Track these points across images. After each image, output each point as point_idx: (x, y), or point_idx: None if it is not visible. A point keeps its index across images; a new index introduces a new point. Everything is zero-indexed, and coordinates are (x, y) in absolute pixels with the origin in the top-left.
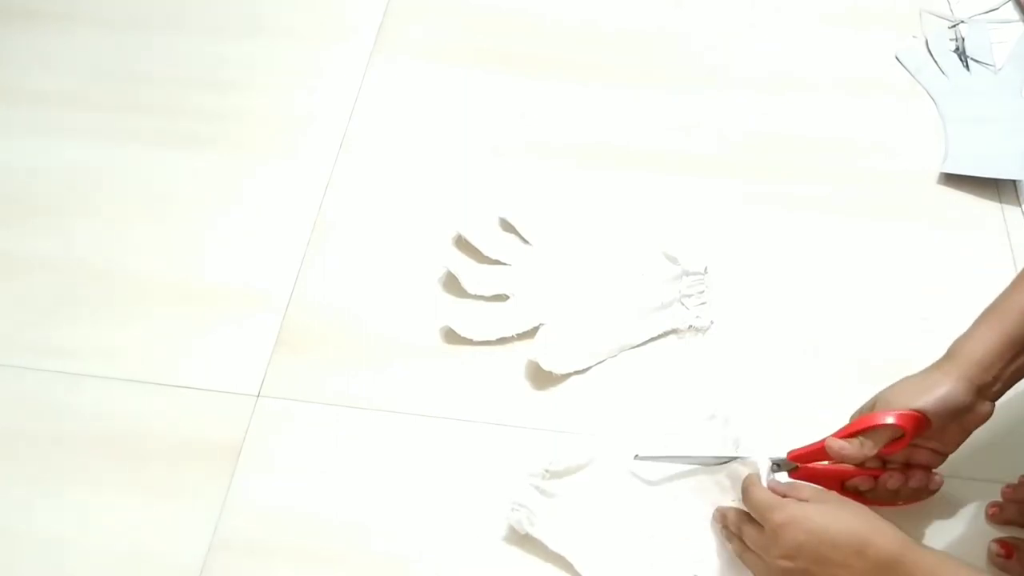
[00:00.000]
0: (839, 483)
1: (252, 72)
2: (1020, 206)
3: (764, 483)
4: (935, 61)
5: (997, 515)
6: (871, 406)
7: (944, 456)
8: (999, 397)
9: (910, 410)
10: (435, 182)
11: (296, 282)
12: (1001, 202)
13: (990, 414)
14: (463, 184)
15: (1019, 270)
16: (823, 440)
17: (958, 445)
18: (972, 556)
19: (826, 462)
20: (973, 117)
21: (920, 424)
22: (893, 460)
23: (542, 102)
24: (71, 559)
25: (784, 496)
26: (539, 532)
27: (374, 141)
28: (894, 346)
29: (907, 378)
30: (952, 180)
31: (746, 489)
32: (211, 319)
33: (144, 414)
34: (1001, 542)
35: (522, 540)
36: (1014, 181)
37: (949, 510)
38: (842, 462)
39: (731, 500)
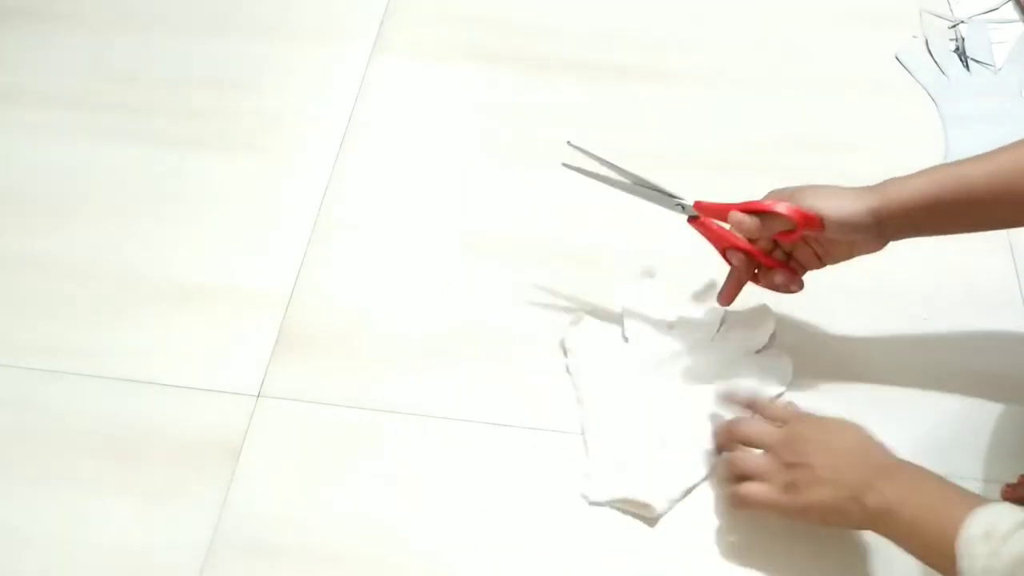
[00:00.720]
0: (722, 247)
1: (252, 72)
2: None
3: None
4: (935, 61)
5: None
6: (789, 195)
7: (822, 264)
8: (893, 239)
9: (813, 211)
10: (435, 182)
11: (296, 282)
12: None
13: (878, 250)
14: (463, 184)
15: (1019, 270)
16: (730, 206)
17: (838, 261)
18: None
19: (723, 225)
20: (973, 117)
21: (812, 224)
22: (782, 242)
23: (542, 102)
24: (71, 559)
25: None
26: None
27: (374, 141)
28: (895, 346)
29: (832, 185)
30: None
31: (757, 401)
32: (211, 319)
33: (144, 414)
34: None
35: (522, 540)
36: None
37: None
38: (737, 233)
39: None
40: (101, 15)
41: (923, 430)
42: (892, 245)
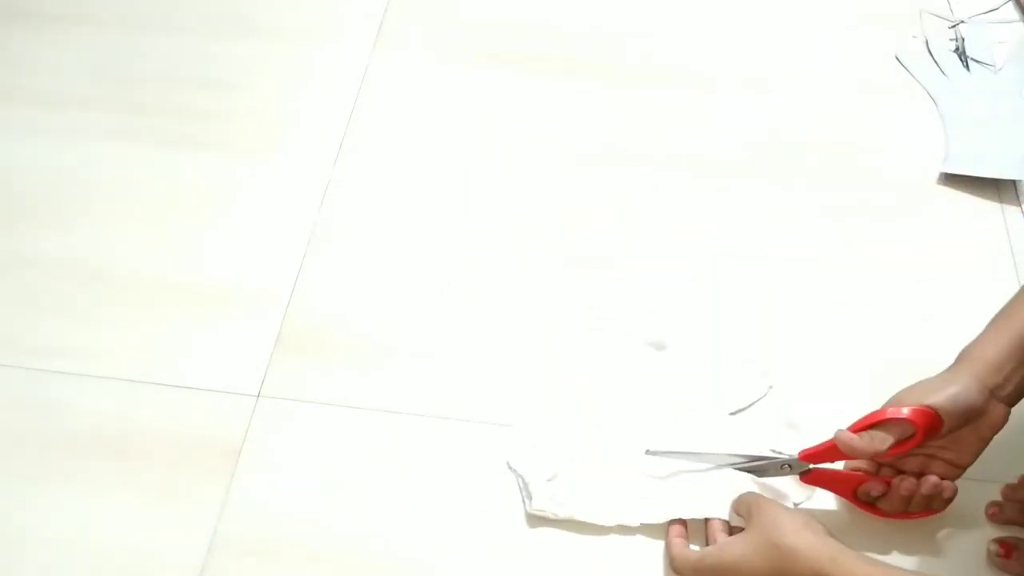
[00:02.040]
0: (852, 489)
1: (253, 72)
2: (1020, 206)
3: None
4: (935, 61)
5: (997, 515)
6: (886, 405)
7: (960, 469)
8: (1014, 403)
9: (921, 406)
10: (435, 182)
11: (296, 282)
12: (1001, 202)
13: (1005, 418)
14: (463, 184)
15: (1019, 270)
16: (832, 440)
17: (975, 455)
18: (972, 556)
19: (838, 464)
20: (973, 117)
21: (931, 421)
22: (908, 470)
23: (542, 102)
24: (71, 559)
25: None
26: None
27: (374, 140)
28: (895, 346)
29: (919, 381)
30: (952, 180)
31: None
32: (211, 319)
33: (144, 414)
34: (1000, 542)
35: (523, 541)
36: (1014, 181)
37: (949, 510)
38: (852, 457)
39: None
40: (101, 15)
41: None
42: (881, 246)
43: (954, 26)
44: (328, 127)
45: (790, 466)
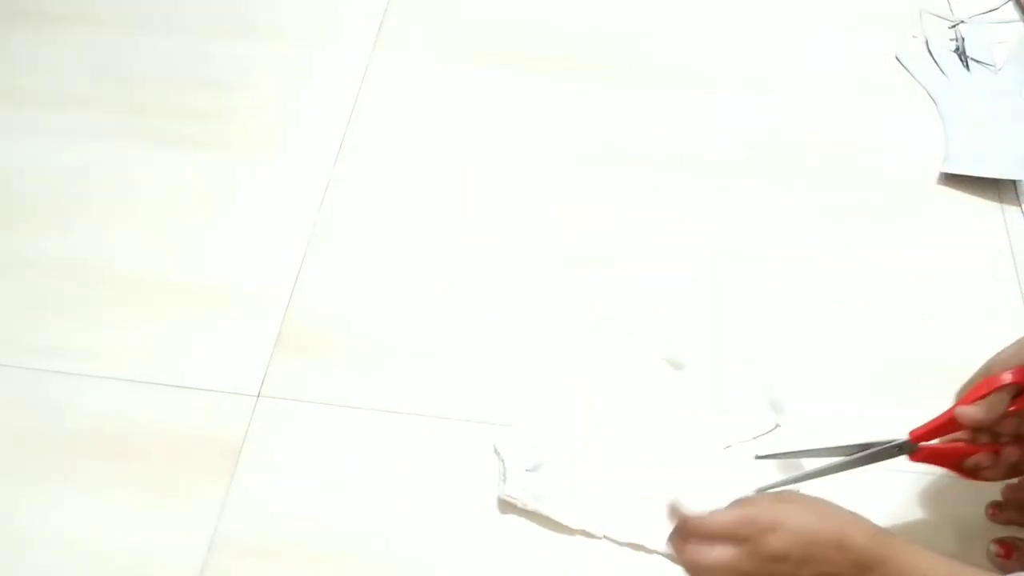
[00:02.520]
0: (959, 462)
1: (253, 72)
2: (1020, 206)
3: None
4: (935, 61)
5: (997, 515)
6: (984, 373)
7: None
8: None
9: (1022, 365)
10: (435, 182)
11: (296, 282)
12: (1001, 202)
13: None
14: (463, 185)
15: (1019, 270)
16: (944, 414)
17: None
18: (972, 556)
19: (939, 440)
20: (973, 117)
21: None
22: (1005, 432)
23: (542, 102)
24: (70, 559)
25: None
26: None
27: (374, 140)
28: (895, 346)
29: (1009, 344)
30: (952, 180)
31: (699, 523)
32: (211, 319)
33: (144, 414)
34: (1000, 542)
35: (523, 541)
36: (1014, 181)
37: (949, 510)
38: (974, 428)
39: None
40: (101, 15)
41: None
42: (881, 246)
43: (954, 26)
44: (328, 127)
45: (899, 448)
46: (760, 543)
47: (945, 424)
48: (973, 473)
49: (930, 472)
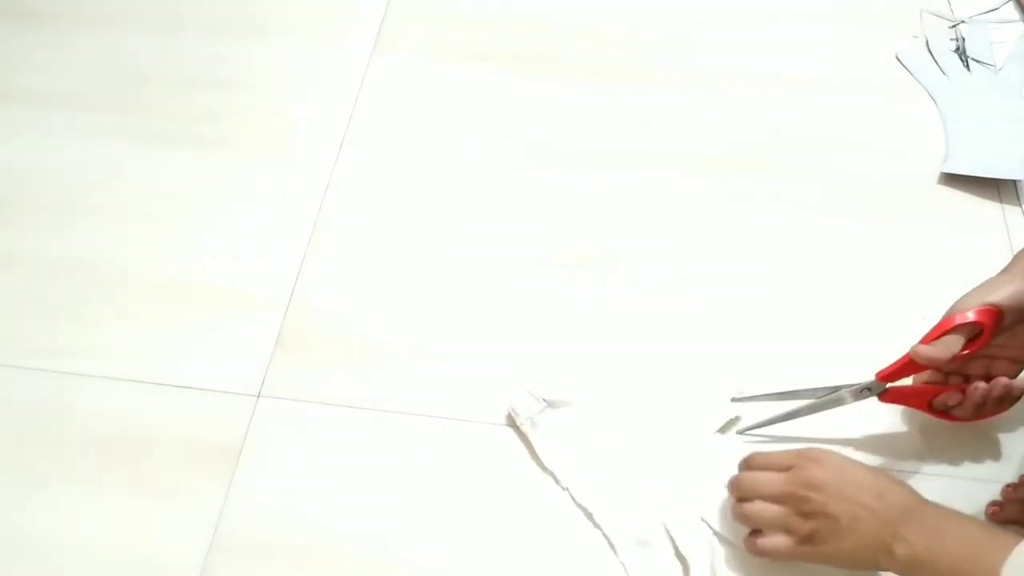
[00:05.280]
0: (927, 402)
1: (253, 72)
2: (1020, 206)
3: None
4: (935, 61)
5: (997, 514)
6: (952, 313)
7: (1021, 364)
8: None
9: (984, 305)
10: (436, 182)
11: (296, 282)
12: (1001, 202)
13: None
14: (463, 185)
15: None
16: (906, 355)
17: None
18: None
19: (911, 380)
20: (973, 117)
21: (996, 318)
22: (974, 374)
23: (542, 103)
24: (71, 559)
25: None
26: (537, 438)
27: (375, 141)
28: (896, 346)
29: (977, 285)
30: (952, 180)
31: (754, 456)
32: (211, 319)
33: (144, 414)
34: (993, 502)
35: (524, 541)
36: (1014, 181)
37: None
38: (929, 367)
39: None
40: (101, 15)
41: (923, 430)
42: (881, 247)
43: (954, 26)
44: (328, 127)
45: (869, 389)
46: (802, 470)
47: (907, 364)
48: (943, 413)
49: (930, 472)
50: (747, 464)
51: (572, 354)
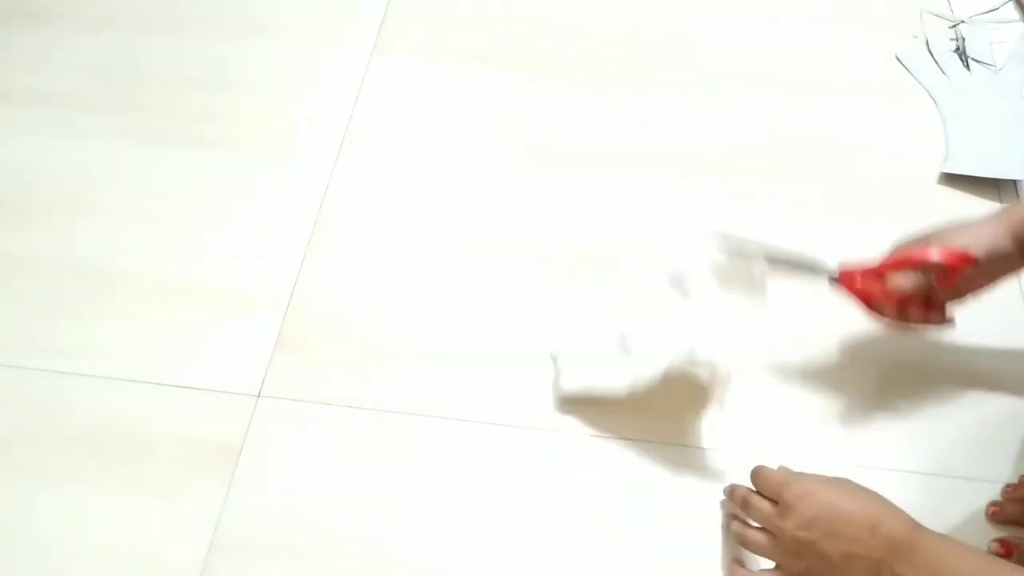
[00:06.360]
0: (869, 300)
1: (253, 72)
2: None
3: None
4: (935, 61)
5: (997, 514)
6: (926, 242)
7: (962, 296)
8: None
9: (965, 250)
10: (436, 182)
11: (296, 282)
12: (1001, 202)
13: (1019, 267)
14: (463, 185)
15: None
16: (874, 268)
17: (982, 291)
18: None
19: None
20: (973, 117)
21: (970, 263)
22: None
23: (542, 103)
24: (71, 559)
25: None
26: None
27: (375, 141)
28: (896, 346)
29: (961, 224)
30: (952, 180)
31: (758, 471)
32: (211, 319)
33: (144, 414)
34: (1001, 541)
35: (524, 541)
36: (1014, 181)
37: (949, 510)
38: (899, 291)
39: None
40: (101, 15)
41: (923, 430)
42: (882, 247)
43: (954, 26)
44: (328, 127)
45: (828, 273)
46: (789, 508)
47: (870, 273)
48: (877, 312)
49: (931, 472)
50: (753, 475)
51: (571, 354)
